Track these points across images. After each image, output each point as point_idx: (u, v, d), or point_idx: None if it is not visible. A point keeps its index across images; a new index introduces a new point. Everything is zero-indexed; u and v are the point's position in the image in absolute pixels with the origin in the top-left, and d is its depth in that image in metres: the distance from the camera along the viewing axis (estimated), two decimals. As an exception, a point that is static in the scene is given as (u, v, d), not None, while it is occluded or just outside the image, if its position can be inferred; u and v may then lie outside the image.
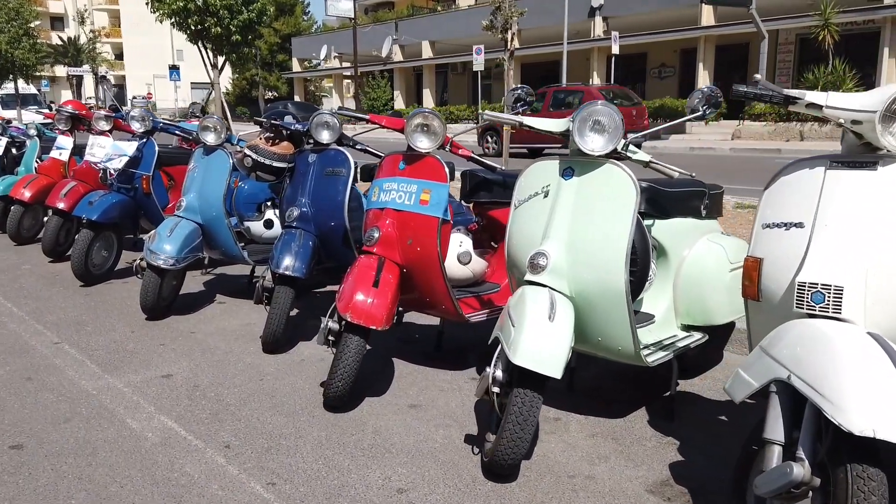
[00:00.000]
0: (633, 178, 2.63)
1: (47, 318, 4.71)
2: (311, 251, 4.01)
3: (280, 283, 3.91)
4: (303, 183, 4.24)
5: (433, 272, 3.28)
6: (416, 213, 3.27)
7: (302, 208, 4.16)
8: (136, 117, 5.73)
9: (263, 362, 3.87)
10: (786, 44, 27.11)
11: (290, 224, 4.16)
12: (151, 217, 5.86)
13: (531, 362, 2.36)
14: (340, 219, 4.11)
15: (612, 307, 2.66)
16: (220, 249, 4.91)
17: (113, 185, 5.72)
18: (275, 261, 3.90)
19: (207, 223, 4.78)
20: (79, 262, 5.42)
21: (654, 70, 31.85)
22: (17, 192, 7.11)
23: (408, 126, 3.30)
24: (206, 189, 4.77)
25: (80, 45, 52.30)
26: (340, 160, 4.17)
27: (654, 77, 31.90)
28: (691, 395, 3.41)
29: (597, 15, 29.68)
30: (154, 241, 4.54)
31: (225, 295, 5.32)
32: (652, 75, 31.85)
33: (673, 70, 31.39)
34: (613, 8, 29.00)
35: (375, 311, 3.05)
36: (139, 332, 4.42)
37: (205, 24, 17.63)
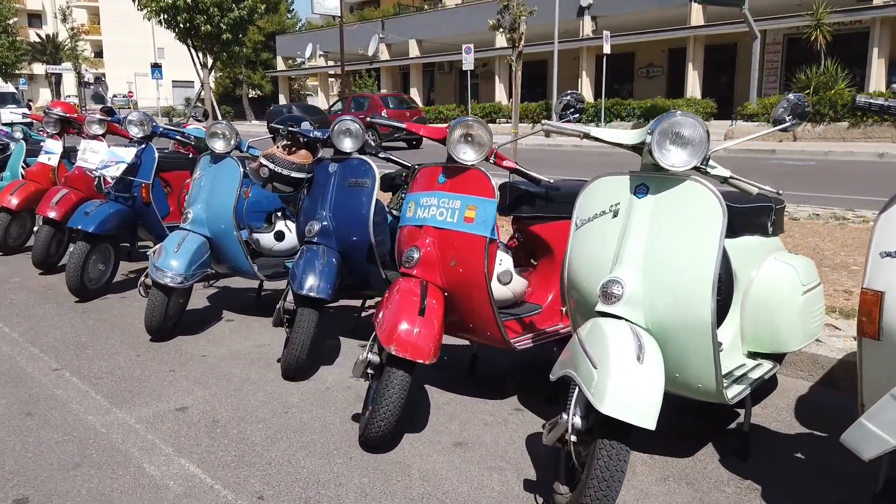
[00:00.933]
0: (719, 195, 2.35)
1: (43, 339, 4.37)
2: (336, 269, 3.70)
3: (303, 304, 3.60)
4: (323, 195, 3.93)
5: (479, 296, 2.99)
6: (460, 232, 2.98)
7: (323, 222, 3.85)
8: (134, 122, 5.38)
9: (285, 391, 3.56)
10: (773, 44, 27.09)
11: (311, 239, 3.85)
12: (150, 227, 5.52)
13: (623, 411, 2.07)
14: (365, 233, 3.81)
15: (695, 340, 2.38)
16: (229, 264, 4.59)
17: (110, 194, 5.37)
18: (297, 280, 3.59)
19: (216, 236, 4.46)
20: (74, 276, 5.07)
21: (641, 70, 31.77)
22: (3, 200, 6.73)
23: (450, 136, 3.00)
24: (215, 200, 4.45)
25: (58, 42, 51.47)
26: (364, 170, 3.87)
27: (642, 77, 31.83)
28: (756, 427, 3.14)
29: (586, 14, 29.49)
30: (160, 257, 4.21)
31: (232, 311, 4.99)
32: (640, 75, 31.77)
33: (661, 70, 31.31)
34: (602, 7, 28.82)
35: (422, 342, 2.75)
36: (145, 355, 4.09)
37: (194, 22, 17.15)
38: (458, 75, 39.29)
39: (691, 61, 26.12)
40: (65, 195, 6.04)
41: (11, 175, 7.54)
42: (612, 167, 2.68)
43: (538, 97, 32.87)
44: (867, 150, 17.01)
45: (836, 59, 21.14)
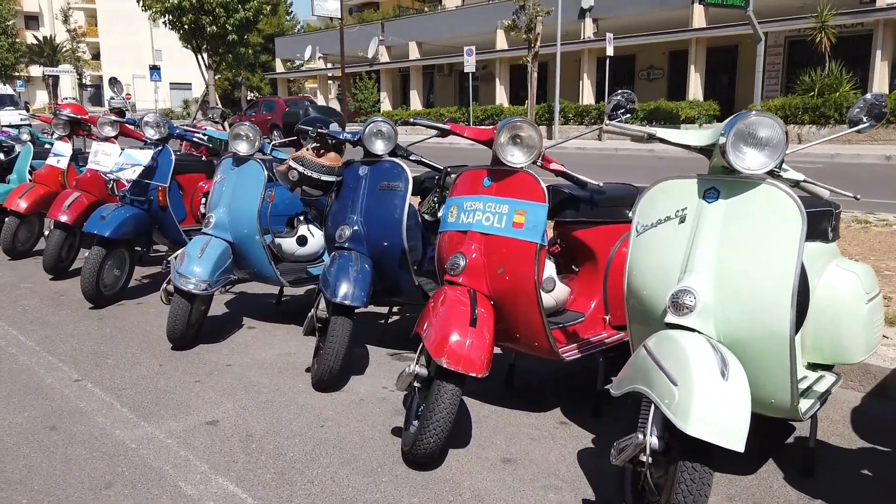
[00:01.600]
0: (798, 200, 2.22)
1: (60, 348, 4.22)
2: (370, 276, 3.57)
3: (337, 313, 3.46)
4: (353, 199, 3.79)
5: (528, 305, 2.86)
6: (509, 238, 2.85)
7: (354, 227, 3.72)
8: (151, 123, 5.25)
9: (318, 403, 3.42)
10: (775, 46, 26.99)
11: (342, 245, 3.72)
12: (166, 231, 5.37)
13: (710, 432, 1.93)
14: (397, 238, 3.68)
15: (772, 354, 2.25)
16: (252, 270, 4.45)
17: (125, 198, 5.23)
18: (331, 288, 3.45)
19: (238, 241, 4.32)
20: (90, 282, 4.92)
21: (642, 72, 31.68)
22: (12, 203, 6.58)
23: (498, 138, 2.87)
24: (238, 204, 4.31)
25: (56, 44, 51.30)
26: (396, 173, 3.74)
27: (643, 79, 31.73)
28: (814, 442, 3.01)
29: (587, 16, 29.40)
30: (183, 263, 4.07)
31: (252, 318, 4.85)
32: (640, 77, 31.67)
33: (662, 72, 31.23)
34: (604, 9, 28.75)
35: (475, 355, 2.61)
36: (168, 365, 3.94)
37: (200, 23, 16.97)
38: (458, 77, 39.17)
39: (693, 63, 26.03)
40: (76, 199, 5.90)
41: (19, 178, 7.39)
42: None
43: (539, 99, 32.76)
44: (874, 152, 16.93)
45: (840, 62, 21.08)
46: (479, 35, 31.68)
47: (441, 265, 3.10)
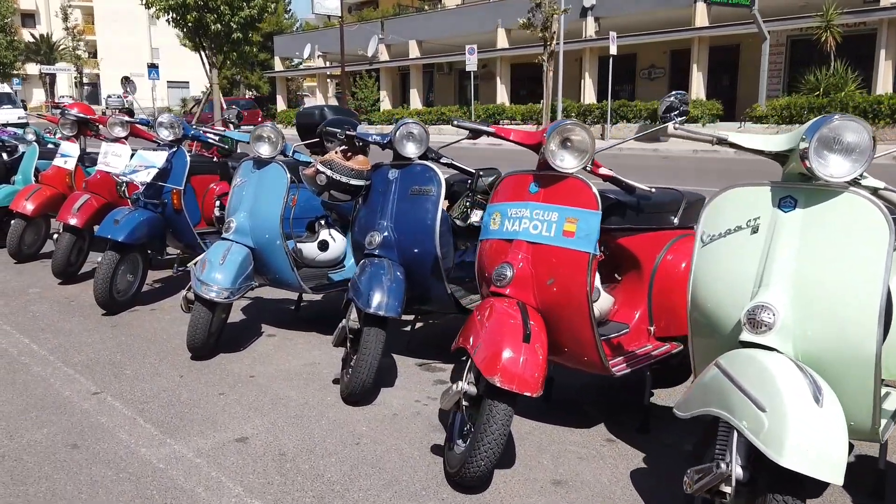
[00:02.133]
0: (885, 210, 2.07)
1: (75, 358, 4.06)
2: (404, 284, 3.42)
3: (370, 323, 3.31)
4: (383, 204, 3.65)
5: (579, 318, 2.71)
6: (559, 248, 2.70)
7: (384, 233, 3.57)
8: (165, 124, 5.09)
9: (350, 418, 3.27)
10: (777, 45, 26.87)
11: (372, 252, 3.56)
12: (181, 235, 5.22)
13: (808, 465, 1.78)
14: (430, 245, 3.52)
15: (855, 374, 2.10)
16: (273, 276, 4.30)
17: (139, 201, 5.07)
18: (363, 297, 3.30)
19: (260, 247, 4.16)
20: (103, 288, 4.76)
21: (643, 71, 31.55)
22: (18, 205, 6.42)
23: (549, 142, 2.72)
24: (260, 208, 4.15)
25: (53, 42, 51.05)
26: (428, 177, 3.59)
27: (644, 78, 31.61)
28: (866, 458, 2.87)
29: (589, 15, 29.25)
30: (204, 270, 3.92)
31: (272, 325, 4.70)
32: (641, 76, 31.55)
33: (663, 71, 31.11)
34: (605, 8, 28.60)
35: (529, 373, 2.46)
36: (189, 376, 3.79)
37: (203, 21, 16.76)
38: (458, 76, 39.02)
39: (696, 62, 25.89)
40: (86, 201, 5.74)
41: (24, 179, 7.22)
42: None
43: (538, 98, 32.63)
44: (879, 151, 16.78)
45: (846, 61, 20.98)
46: (479, 34, 31.52)
47: (483, 275, 2.95)
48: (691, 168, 14.95)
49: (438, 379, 3.75)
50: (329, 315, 4.98)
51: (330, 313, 5.00)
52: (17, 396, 3.50)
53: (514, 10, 30.92)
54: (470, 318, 2.78)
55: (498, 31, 31.71)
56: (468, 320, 2.77)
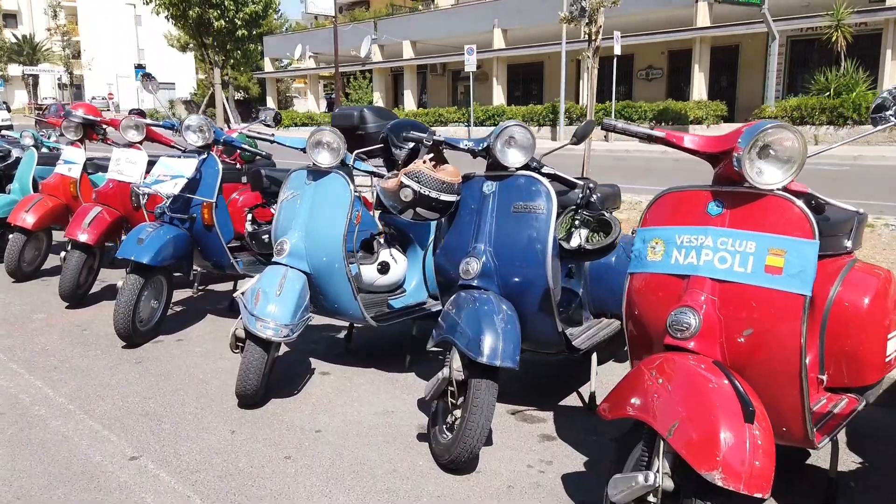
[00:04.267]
0: None
1: (100, 407, 3.40)
2: (517, 324, 2.79)
3: (478, 375, 2.68)
4: (478, 223, 3.02)
5: (785, 379, 2.09)
6: (761, 288, 2.07)
7: (481, 259, 2.94)
8: (193, 127, 4.43)
9: (458, 492, 2.63)
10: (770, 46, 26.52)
11: (468, 283, 2.93)
12: (210, 254, 4.56)
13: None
14: (540, 275, 2.90)
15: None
16: (331, 305, 3.66)
17: (163, 215, 4.41)
18: (470, 341, 2.67)
19: (317, 272, 3.53)
20: (125, 318, 4.10)
21: (641, 72, 31.14)
22: (17, 218, 5.74)
23: (746, 150, 2.09)
24: (319, 227, 3.51)
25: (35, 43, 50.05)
26: (535, 191, 2.96)
27: (641, 79, 31.21)
28: None
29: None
30: (258, 303, 3.27)
31: (321, 359, 4.06)
32: (639, 77, 31.14)
33: (660, 72, 30.70)
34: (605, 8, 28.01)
35: (762, 468, 1.82)
36: (242, 431, 3.14)
37: (206, 17, 15.94)
38: (451, 77, 38.44)
39: (697, 63, 25.43)
40: (97, 215, 5.08)
41: (21, 188, 6.54)
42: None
43: (534, 100, 32.07)
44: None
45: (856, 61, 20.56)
46: (474, 34, 30.94)
47: (639, 319, 2.33)
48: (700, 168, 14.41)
49: (544, 434, 3.12)
50: (383, 346, 4.35)
51: (384, 344, 4.38)
52: (37, 464, 2.84)
53: (510, 9, 30.42)
54: (634, 375, 2.15)
55: (494, 32, 31.15)
56: (632, 379, 2.15)
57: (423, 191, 2.95)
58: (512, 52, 30.64)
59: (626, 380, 2.17)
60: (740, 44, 27.52)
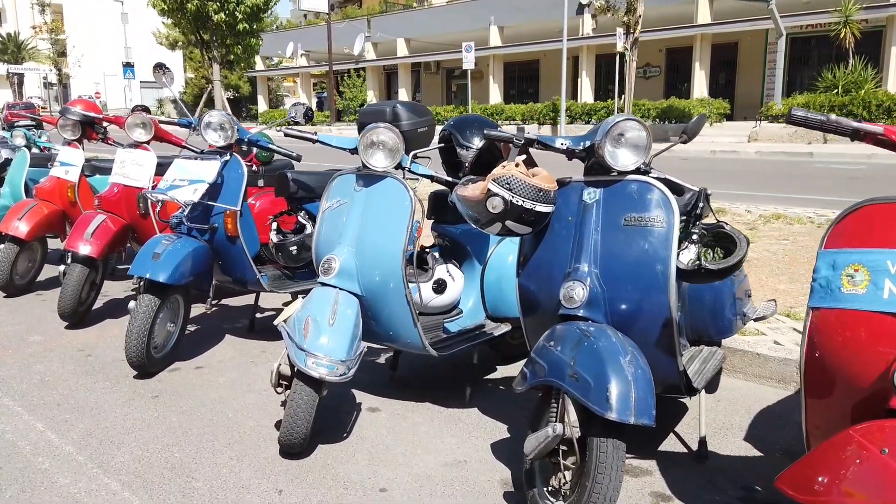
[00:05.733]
0: None
1: (116, 457, 2.85)
2: (648, 368, 2.25)
3: (602, 432, 2.14)
4: (579, 238, 2.49)
5: None
6: None
7: (585, 282, 2.41)
8: (214, 125, 3.88)
9: (579, 580, 2.11)
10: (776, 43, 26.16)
11: (573, 312, 2.40)
12: (233, 268, 4.02)
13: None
14: (660, 304, 2.37)
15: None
16: (386, 332, 3.12)
17: (180, 225, 3.87)
18: (585, 388, 2.13)
19: (371, 294, 2.99)
20: (139, 345, 3.55)
21: (638, 69, 30.63)
22: (9, 227, 5.17)
23: None
24: (373, 241, 2.98)
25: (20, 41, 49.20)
26: (651, 200, 2.43)
27: (640, 77, 30.75)
28: None
29: (585, 12, 28.32)
30: (308, 334, 2.73)
31: (367, 391, 3.53)
32: (637, 75, 30.63)
33: (658, 70, 30.35)
34: (603, 5, 27.64)
35: None
36: (291, 491, 2.60)
37: (205, 11, 15.24)
38: (445, 75, 37.92)
39: (698, 60, 25.03)
40: (101, 224, 4.53)
41: (12, 192, 5.97)
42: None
43: (530, 98, 31.58)
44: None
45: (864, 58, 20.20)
46: (470, 31, 30.44)
47: (840, 371, 1.81)
48: (709, 167, 13.98)
49: (656, 491, 2.60)
50: (434, 374, 3.82)
51: (434, 371, 3.85)
52: (45, 540, 2.29)
53: (507, 6, 29.93)
54: (838, 445, 1.64)
55: (491, 29, 30.68)
56: (836, 449, 1.63)
57: (516, 200, 2.41)
58: (509, 49, 30.16)
59: (826, 449, 1.66)
60: (739, 41, 27.20)
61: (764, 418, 3.20)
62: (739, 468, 2.75)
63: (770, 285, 4.68)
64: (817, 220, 7.18)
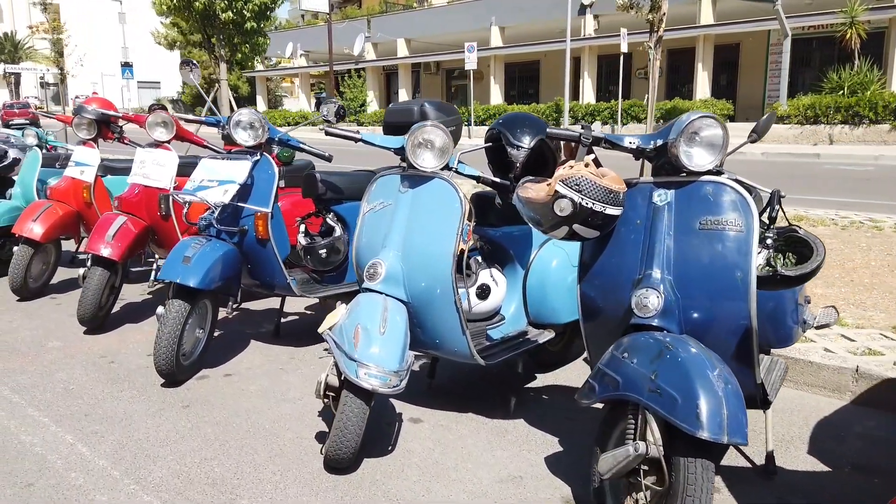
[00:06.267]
0: None
1: (153, 473, 2.71)
2: (737, 384, 2.12)
3: (689, 451, 2.01)
4: (649, 243, 2.36)
5: None
6: None
7: (659, 289, 2.28)
8: (244, 123, 3.75)
9: None
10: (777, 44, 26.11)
11: (647, 322, 2.27)
12: (263, 272, 3.88)
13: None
14: (739, 314, 2.25)
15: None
16: (431, 341, 2.99)
17: (209, 228, 3.72)
18: (671, 404, 1.99)
19: (418, 300, 2.86)
20: (169, 352, 3.41)
21: (639, 70, 30.62)
22: (23, 228, 5.02)
23: None
24: (422, 245, 2.84)
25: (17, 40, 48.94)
26: (729, 202, 2.31)
27: (640, 77, 30.70)
28: None
29: (587, 13, 28.27)
30: (358, 343, 2.59)
31: (403, 400, 3.38)
32: (637, 76, 30.63)
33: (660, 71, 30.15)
34: (604, 6, 27.61)
35: None
36: (344, 510, 2.47)
37: (212, 9, 15.02)
38: (445, 76, 37.78)
39: (701, 61, 24.94)
40: (122, 226, 4.37)
41: (24, 193, 5.82)
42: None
43: (531, 99, 31.46)
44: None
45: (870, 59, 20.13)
46: (470, 32, 30.32)
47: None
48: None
49: (728, 509, 2.47)
50: (472, 381, 3.69)
51: (471, 378, 3.71)
52: (88, 565, 2.15)
53: (508, 6, 29.81)
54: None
55: (492, 29, 30.57)
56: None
57: (585, 203, 2.28)
58: (511, 49, 30.05)
59: None
60: (741, 42, 27.13)
61: (824, 430, 3.07)
62: (809, 485, 2.62)
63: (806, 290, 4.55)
64: (840, 221, 7.07)
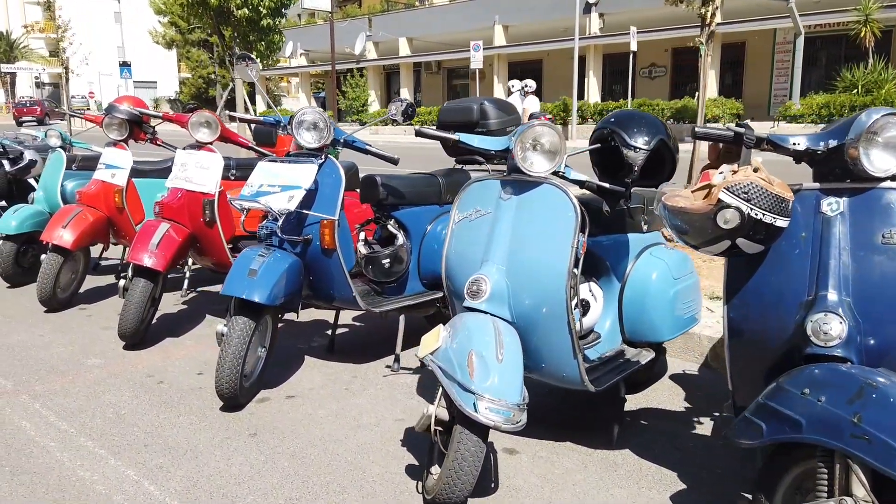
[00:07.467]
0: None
1: (237, 517, 2.40)
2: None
3: None
4: (821, 260, 2.06)
5: None
6: None
7: (837, 312, 1.98)
8: (307, 123, 3.43)
9: None
10: (784, 43, 25.93)
11: (828, 352, 1.97)
12: (326, 284, 3.57)
13: None
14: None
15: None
16: (536, 365, 2.67)
17: (271, 237, 3.41)
18: (891, 454, 1.70)
19: (524, 320, 2.55)
20: (233, 375, 3.11)
21: (643, 70, 30.44)
22: (53, 235, 4.70)
23: None
24: (531, 260, 2.53)
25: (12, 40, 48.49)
26: (902, 212, 2.01)
27: (644, 77, 30.52)
28: None
29: (593, 11, 28.00)
30: (474, 372, 2.28)
31: (496, 430, 3.07)
32: (642, 75, 30.43)
33: (664, 70, 30.02)
34: (610, 4, 27.39)
35: None
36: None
37: (228, 6, 14.62)
38: (447, 75, 37.45)
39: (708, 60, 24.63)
40: (165, 234, 4.06)
41: (47, 198, 5.50)
42: None
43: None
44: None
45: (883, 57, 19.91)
46: (473, 31, 30.04)
47: None
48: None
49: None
50: (554, 405, 3.38)
51: (552, 400, 3.40)
52: None
53: (512, 5, 29.53)
54: None
55: (496, 28, 30.28)
56: None
57: (755, 213, 1.98)
58: (515, 48, 29.76)
59: None
60: (746, 41, 26.92)
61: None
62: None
63: None
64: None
